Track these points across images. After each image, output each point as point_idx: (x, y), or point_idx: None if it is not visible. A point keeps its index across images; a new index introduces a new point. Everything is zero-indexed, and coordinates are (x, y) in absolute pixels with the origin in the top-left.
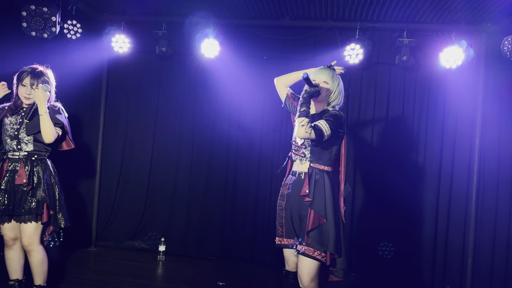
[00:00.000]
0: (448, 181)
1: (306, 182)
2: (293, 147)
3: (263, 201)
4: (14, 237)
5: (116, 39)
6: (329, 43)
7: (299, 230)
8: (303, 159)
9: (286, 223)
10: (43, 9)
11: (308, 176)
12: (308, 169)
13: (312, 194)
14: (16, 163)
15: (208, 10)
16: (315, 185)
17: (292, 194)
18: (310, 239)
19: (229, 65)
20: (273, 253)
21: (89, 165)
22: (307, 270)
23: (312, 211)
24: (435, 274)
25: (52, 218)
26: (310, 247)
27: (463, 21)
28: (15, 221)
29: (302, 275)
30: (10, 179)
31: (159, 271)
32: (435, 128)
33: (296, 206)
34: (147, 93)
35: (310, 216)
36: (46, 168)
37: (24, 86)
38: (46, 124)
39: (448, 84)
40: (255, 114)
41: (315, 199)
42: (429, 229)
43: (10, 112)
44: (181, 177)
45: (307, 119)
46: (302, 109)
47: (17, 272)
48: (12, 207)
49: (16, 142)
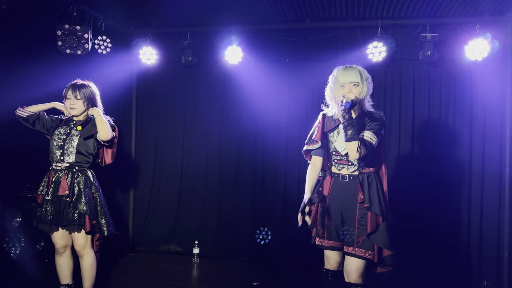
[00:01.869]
0: (479, 175)
1: (359, 189)
2: (335, 157)
3: (291, 202)
4: (65, 245)
5: (144, 51)
6: (351, 42)
7: (347, 231)
8: (350, 167)
9: (329, 226)
10: (76, 27)
11: (359, 183)
12: (358, 176)
13: (368, 200)
14: (59, 174)
15: (230, 18)
16: (369, 189)
17: (339, 197)
18: (360, 241)
19: (253, 70)
20: (305, 252)
21: (124, 175)
22: (356, 269)
23: (369, 214)
24: (472, 269)
25: (95, 227)
26: (362, 248)
27: (487, 13)
28: (62, 230)
29: (351, 273)
30: (55, 190)
31: (195, 273)
32: (463, 122)
33: (344, 208)
34: (175, 102)
35: (368, 219)
36: (86, 180)
37: (68, 99)
38: (102, 123)
39: (475, 77)
40: (280, 116)
41: (372, 203)
42: (462, 223)
43: (62, 123)
44: (210, 182)
45: (358, 141)
46: (349, 132)
47: (67, 277)
48: (57, 217)
49: (61, 152)
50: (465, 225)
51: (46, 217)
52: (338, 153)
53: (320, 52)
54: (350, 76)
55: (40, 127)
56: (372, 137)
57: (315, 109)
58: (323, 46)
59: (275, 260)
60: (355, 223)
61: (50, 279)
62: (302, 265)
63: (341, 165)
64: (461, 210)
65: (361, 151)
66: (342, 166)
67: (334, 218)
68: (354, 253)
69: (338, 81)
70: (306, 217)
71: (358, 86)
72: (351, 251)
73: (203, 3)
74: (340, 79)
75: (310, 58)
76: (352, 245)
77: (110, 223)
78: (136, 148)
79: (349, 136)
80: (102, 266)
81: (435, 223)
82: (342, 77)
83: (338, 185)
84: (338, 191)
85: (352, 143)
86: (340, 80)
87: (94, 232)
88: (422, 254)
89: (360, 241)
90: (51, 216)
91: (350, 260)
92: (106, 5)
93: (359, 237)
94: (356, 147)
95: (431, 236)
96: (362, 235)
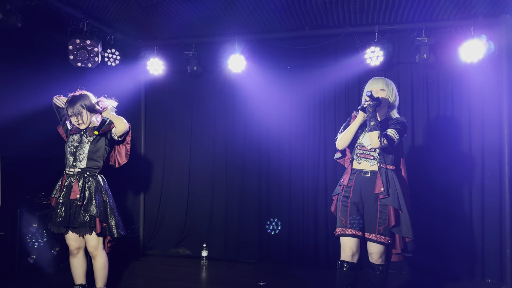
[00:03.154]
0: (479, 175)
1: (379, 181)
2: (359, 151)
3: (296, 206)
4: (78, 246)
5: (151, 63)
6: (349, 48)
7: (369, 221)
8: (371, 161)
9: (351, 216)
10: (87, 41)
11: (380, 175)
12: (378, 169)
13: (387, 191)
14: (71, 179)
15: (232, 28)
16: (388, 183)
17: (364, 190)
18: (381, 229)
19: (255, 78)
20: (310, 253)
21: (134, 182)
22: (377, 252)
23: (390, 208)
24: (475, 266)
25: (106, 229)
26: (382, 235)
27: (481, 15)
28: (74, 233)
29: (374, 256)
30: (67, 193)
31: (203, 275)
32: (462, 123)
33: (367, 200)
34: (182, 110)
35: (390, 213)
36: (97, 184)
37: (71, 117)
38: (117, 118)
39: (471, 78)
40: (283, 121)
41: (391, 196)
42: (464, 221)
43: (73, 130)
44: (217, 187)
45: (379, 131)
46: (372, 123)
47: (81, 277)
48: (68, 219)
49: (73, 158)
50: (467, 223)
51: (56, 219)
52: (363, 147)
53: (320, 58)
54: (377, 84)
55: (63, 120)
56: (394, 134)
57: (316, 113)
58: (323, 53)
59: (282, 261)
60: (376, 214)
61: (65, 281)
62: (308, 266)
63: (362, 158)
64: (463, 207)
65: (383, 141)
66: (363, 159)
67: (356, 209)
68: (375, 239)
69: (367, 88)
70: None
71: (384, 91)
72: (373, 237)
73: (206, 15)
74: (368, 86)
75: (310, 64)
76: (373, 232)
77: (120, 225)
78: (145, 155)
79: (371, 126)
80: (114, 269)
81: (437, 220)
82: (371, 84)
83: (360, 179)
84: (360, 185)
85: (374, 133)
86: (369, 87)
87: (105, 234)
88: (425, 252)
89: (381, 229)
90: (61, 218)
91: (371, 245)
92: (115, 19)
93: (380, 226)
94: (377, 136)
95: (433, 234)
96: (383, 224)
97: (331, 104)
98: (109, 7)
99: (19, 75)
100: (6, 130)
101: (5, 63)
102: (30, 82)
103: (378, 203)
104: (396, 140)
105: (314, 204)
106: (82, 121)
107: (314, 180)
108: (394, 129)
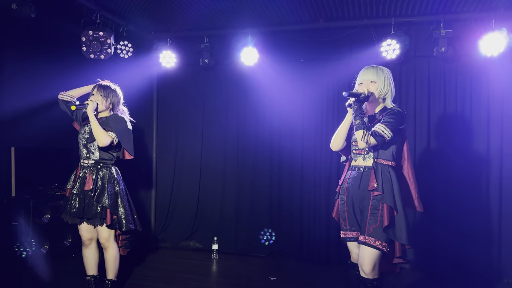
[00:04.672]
0: (497, 170)
1: (373, 177)
2: (354, 148)
3: (307, 201)
4: (90, 237)
5: (163, 55)
6: (364, 41)
7: (361, 221)
8: (366, 156)
9: (349, 217)
10: (99, 33)
11: (374, 170)
12: (373, 164)
13: (381, 188)
14: (86, 170)
15: (245, 20)
16: (383, 178)
17: (353, 187)
18: (371, 230)
19: (268, 71)
20: (321, 248)
21: (146, 175)
22: (368, 259)
23: (384, 205)
24: (492, 266)
25: (115, 222)
26: (371, 237)
27: (502, 7)
28: (87, 223)
29: (364, 263)
30: (81, 185)
31: (214, 268)
32: (480, 118)
33: (357, 198)
34: (194, 103)
35: (384, 211)
36: (110, 176)
37: (93, 95)
38: (94, 130)
39: (491, 73)
40: (295, 115)
41: (385, 193)
42: (481, 219)
43: (86, 121)
44: (228, 180)
45: (364, 130)
46: (357, 122)
47: (93, 268)
48: (82, 210)
49: (86, 150)
50: (483, 222)
51: (71, 210)
52: (356, 144)
53: (334, 51)
54: (368, 75)
55: (75, 115)
56: (383, 130)
57: (329, 107)
58: (337, 46)
59: (292, 256)
60: (367, 212)
61: (77, 272)
62: (320, 262)
63: (357, 155)
64: (480, 206)
65: (369, 140)
66: (358, 156)
67: (352, 209)
68: (364, 241)
69: (358, 80)
70: None
71: (375, 83)
72: (362, 239)
73: (219, 7)
74: (359, 77)
75: (324, 58)
76: (363, 233)
77: (129, 219)
78: (157, 148)
79: (356, 125)
80: (126, 262)
81: (453, 219)
82: (361, 76)
83: (356, 177)
84: (353, 182)
85: (358, 132)
86: (359, 78)
87: (115, 227)
88: (441, 251)
89: (371, 229)
90: (75, 209)
91: (361, 249)
92: (128, 11)
93: (370, 226)
94: (361, 136)
95: (449, 233)
96: (373, 224)
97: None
98: None
99: (32, 65)
100: (20, 121)
101: (18, 54)
102: (43, 73)
103: (370, 202)
104: (386, 135)
105: (326, 200)
106: (99, 104)
107: (326, 175)
108: (384, 123)
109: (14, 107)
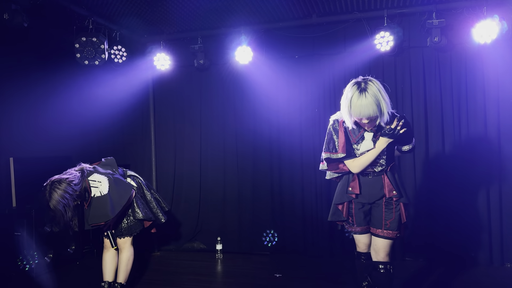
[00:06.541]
0: (497, 161)
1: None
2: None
3: (309, 196)
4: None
5: (158, 58)
6: (358, 34)
7: (376, 218)
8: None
9: (356, 214)
10: (93, 39)
11: (388, 179)
12: (385, 172)
13: (399, 193)
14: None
15: (239, 19)
16: (397, 183)
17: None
18: (388, 224)
19: (263, 68)
20: (325, 242)
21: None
22: (384, 248)
23: (401, 204)
24: (494, 251)
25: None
26: (389, 230)
27: None
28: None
29: (379, 251)
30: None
31: (219, 267)
32: (476, 105)
33: (368, 198)
34: (190, 105)
35: (401, 209)
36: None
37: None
38: None
39: (485, 60)
40: (292, 111)
41: (403, 194)
42: (482, 205)
43: None
44: (229, 181)
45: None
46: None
47: (110, 274)
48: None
49: None
50: (485, 208)
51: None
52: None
53: (329, 46)
54: (366, 109)
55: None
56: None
57: (326, 102)
58: (331, 40)
59: (297, 252)
60: (382, 208)
61: (82, 279)
62: (323, 258)
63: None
64: (480, 191)
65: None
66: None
67: (362, 206)
68: (382, 235)
69: (358, 115)
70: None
71: (376, 113)
72: (379, 233)
73: (211, 6)
74: (358, 113)
75: (319, 53)
76: (380, 227)
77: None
78: (156, 150)
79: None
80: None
81: (455, 206)
82: (360, 113)
83: (365, 182)
84: (367, 188)
85: (405, 147)
86: (359, 113)
87: (154, 225)
88: (443, 237)
89: (388, 223)
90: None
91: (378, 241)
92: (120, 15)
93: (386, 220)
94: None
95: (452, 219)
96: (389, 218)
97: (341, 91)
98: (113, 3)
99: (27, 75)
100: (18, 131)
101: (12, 63)
102: (38, 82)
103: (384, 200)
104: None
105: (327, 194)
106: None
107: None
108: (407, 144)
109: (10, 117)
